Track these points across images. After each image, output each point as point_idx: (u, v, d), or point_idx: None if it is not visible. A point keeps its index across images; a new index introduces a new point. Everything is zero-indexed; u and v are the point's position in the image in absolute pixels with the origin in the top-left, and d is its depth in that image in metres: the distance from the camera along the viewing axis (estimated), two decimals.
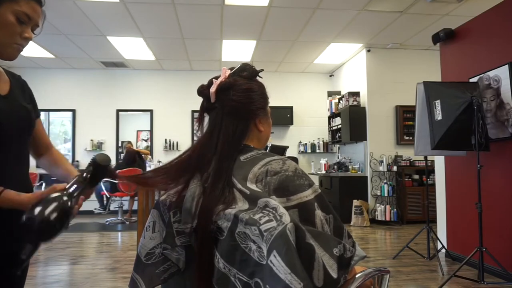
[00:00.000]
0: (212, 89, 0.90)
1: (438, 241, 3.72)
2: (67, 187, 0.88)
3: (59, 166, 1.15)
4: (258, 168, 0.83)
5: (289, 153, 6.60)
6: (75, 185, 0.89)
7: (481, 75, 3.28)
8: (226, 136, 0.88)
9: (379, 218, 5.56)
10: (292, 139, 7.26)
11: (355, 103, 5.97)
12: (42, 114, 7.03)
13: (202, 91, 0.94)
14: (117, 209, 6.21)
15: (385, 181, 5.66)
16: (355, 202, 5.60)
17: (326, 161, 6.76)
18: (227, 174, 0.84)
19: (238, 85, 0.91)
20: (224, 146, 0.87)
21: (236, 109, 0.89)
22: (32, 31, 1.01)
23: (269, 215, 0.70)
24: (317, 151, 7.21)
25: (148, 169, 4.16)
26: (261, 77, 0.98)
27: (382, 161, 5.68)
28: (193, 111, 7.18)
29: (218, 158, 0.86)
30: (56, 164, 1.16)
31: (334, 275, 0.71)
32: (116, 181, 5.86)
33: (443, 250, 3.75)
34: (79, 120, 7.08)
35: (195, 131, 7.42)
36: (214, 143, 0.89)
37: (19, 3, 0.94)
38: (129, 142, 6.63)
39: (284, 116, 7.09)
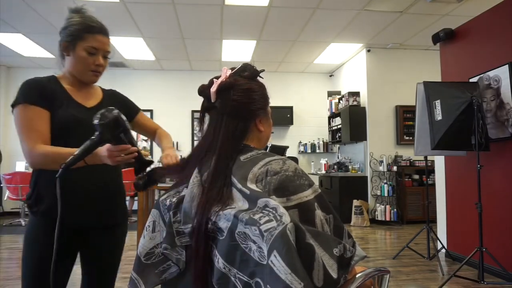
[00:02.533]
0: (213, 88, 0.91)
1: (438, 241, 3.72)
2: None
3: (160, 143, 1.50)
4: (258, 168, 0.83)
5: (289, 153, 6.59)
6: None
7: (481, 75, 3.28)
8: (226, 136, 0.88)
9: (379, 218, 5.56)
10: (292, 139, 7.26)
11: (355, 103, 5.97)
12: None
13: (203, 90, 0.94)
14: None
15: (385, 181, 5.66)
16: (355, 202, 5.60)
17: (326, 161, 6.76)
18: (226, 174, 0.84)
19: (238, 85, 0.91)
20: (223, 146, 0.88)
21: (236, 109, 0.90)
22: (105, 57, 1.31)
23: (269, 215, 0.70)
24: (317, 151, 7.20)
25: (148, 169, 4.13)
26: (262, 77, 0.98)
27: (382, 161, 5.68)
28: (193, 111, 7.18)
29: (217, 157, 0.86)
30: (159, 141, 1.51)
31: (334, 275, 0.71)
32: None
33: (443, 250, 3.75)
34: None
35: (195, 131, 7.39)
36: (214, 143, 0.89)
37: (86, 40, 1.24)
38: None
39: (284, 116, 7.09)
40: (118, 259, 1.38)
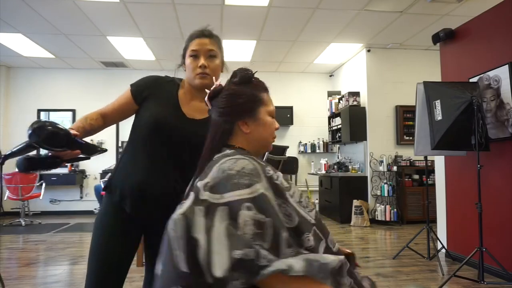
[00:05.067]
0: (206, 97, 1.04)
1: (438, 241, 3.72)
2: (77, 135, 1.12)
3: None
4: (216, 166, 0.89)
5: (289, 153, 6.58)
6: (81, 140, 1.13)
7: (481, 75, 3.28)
8: (210, 139, 1.00)
9: (379, 218, 5.56)
10: (292, 139, 7.26)
11: (355, 103, 5.97)
12: (42, 114, 7.05)
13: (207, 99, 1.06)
14: None
15: (385, 181, 5.65)
16: (355, 202, 5.59)
17: (326, 161, 6.76)
18: (196, 175, 0.94)
19: (224, 91, 1.01)
20: (207, 148, 1.00)
21: (220, 114, 1.00)
22: (210, 56, 1.32)
23: (181, 207, 0.80)
24: (317, 151, 7.21)
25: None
26: (255, 78, 1.04)
27: (382, 161, 5.67)
28: None
29: (200, 159, 0.99)
30: None
31: (218, 273, 0.71)
32: None
33: (443, 250, 3.75)
34: None
35: None
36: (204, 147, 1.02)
37: (189, 47, 1.32)
38: None
39: (284, 116, 7.10)
40: None
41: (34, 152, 1.07)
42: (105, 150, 1.23)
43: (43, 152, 1.06)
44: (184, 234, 0.75)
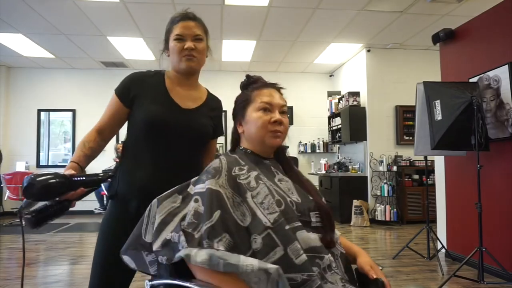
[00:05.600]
0: None
1: (438, 241, 3.72)
2: (74, 174, 1.11)
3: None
4: None
5: (289, 153, 6.58)
6: (80, 177, 1.10)
7: (481, 75, 3.28)
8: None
9: (379, 218, 5.56)
10: (292, 139, 7.26)
11: (355, 103, 5.97)
12: (42, 114, 7.05)
13: None
14: None
15: (385, 181, 5.66)
16: (355, 202, 5.60)
17: (326, 161, 6.76)
18: None
19: None
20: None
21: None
22: (197, 39, 1.27)
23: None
24: (317, 151, 7.21)
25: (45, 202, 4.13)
26: (252, 78, 1.14)
27: (382, 161, 5.68)
28: None
29: None
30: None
31: (154, 247, 0.89)
32: None
33: (443, 250, 3.75)
34: (79, 120, 7.08)
35: None
36: None
37: (173, 31, 1.28)
38: (120, 143, 6.63)
39: None
40: None
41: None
42: (110, 176, 1.23)
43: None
44: (154, 214, 0.94)
